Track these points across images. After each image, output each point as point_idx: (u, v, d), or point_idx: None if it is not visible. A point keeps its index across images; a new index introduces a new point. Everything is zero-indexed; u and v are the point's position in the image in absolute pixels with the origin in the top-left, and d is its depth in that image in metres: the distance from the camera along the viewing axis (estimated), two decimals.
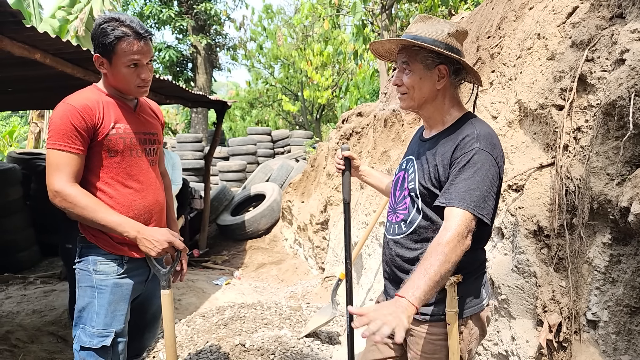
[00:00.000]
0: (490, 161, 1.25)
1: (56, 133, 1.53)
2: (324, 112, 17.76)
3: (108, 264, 1.66)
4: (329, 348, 3.03)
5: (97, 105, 1.60)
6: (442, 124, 1.39)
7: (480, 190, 1.22)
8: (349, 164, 1.68)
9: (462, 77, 1.39)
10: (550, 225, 1.68)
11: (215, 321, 3.38)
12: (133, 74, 1.59)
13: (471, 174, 1.23)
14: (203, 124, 13.67)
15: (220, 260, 5.92)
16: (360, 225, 3.65)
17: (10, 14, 2.08)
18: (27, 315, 3.95)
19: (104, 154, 1.62)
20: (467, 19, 3.14)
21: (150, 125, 1.78)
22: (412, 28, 1.37)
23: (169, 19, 12.82)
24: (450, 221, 1.20)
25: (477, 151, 1.24)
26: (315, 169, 5.74)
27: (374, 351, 1.52)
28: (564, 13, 1.94)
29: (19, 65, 2.81)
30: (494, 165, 1.26)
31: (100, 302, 1.63)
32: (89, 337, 1.62)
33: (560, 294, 1.61)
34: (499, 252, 1.92)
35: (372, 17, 8.20)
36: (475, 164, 1.23)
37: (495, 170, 1.26)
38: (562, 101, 1.78)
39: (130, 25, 1.56)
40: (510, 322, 1.78)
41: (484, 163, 1.24)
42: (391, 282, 1.46)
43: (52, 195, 1.54)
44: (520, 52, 2.16)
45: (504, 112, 2.17)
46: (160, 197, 1.79)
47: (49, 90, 3.94)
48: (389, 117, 3.60)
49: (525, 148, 1.95)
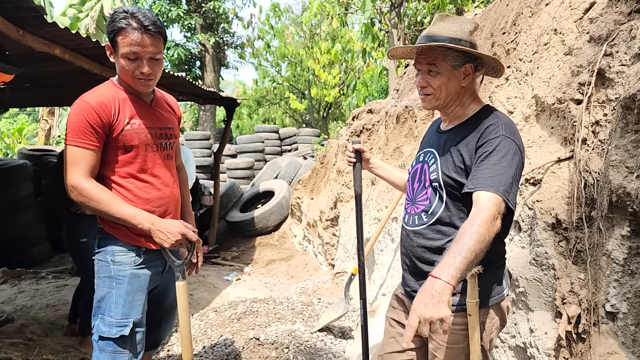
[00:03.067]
0: (515, 148, 1.28)
1: (73, 130, 1.57)
2: (331, 110, 17.78)
3: (126, 255, 1.68)
4: (341, 342, 3.05)
5: (112, 102, 1.62)
6: (463, 116, 1.41)
7: (507, 175, 1.24)
8: (359, 157, 1.71)
9: (480, 71, 1.42)
10: (569, 218, 1.69)
11: (229, 315, 3.41)
12: (131, 66, 1.59)
13: (498, 159, 1.25)
14: (211, 122, 13.74)
15: (230, 257, 5.97)
16: (372, 221, 3.67)
17: (33, 9, 2.11)
18: (40, 309, 4.01)
19: (120, 149, 1.65)
20: (481, 16, 3.14)
21: (166, 120, 1.80)
22: (433, 28, 1.38)
23: (177, 17, 12.89)
24: (480, 204, 1.21)
25: (503, 138, 1.27)
26: (324, 166, 5.76)
27: (392, 343, 1.53)
28: (581, 9, 1.95)
29: (37, 61, 2.85)
30: (518, 153, 1.28)
31: (118, 292, 1.66)
32: (107, 327, 1.64)
33: (579, 286, 1.62)
34: (516, 245, 1.93)
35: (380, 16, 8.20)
36: (501, 150, 1.26)
37: (519, 157, 1.28)
38: (580, 95, 1.78)
39: (137, 17, 1.56)
40: (529, 314, 1.80)
41: (509, 149, 1.26)
42: (412, 274, 1.47)
43: (69, 189, 1.58)
44: (536, 47, 2.16)
45: (520, 107, 2.18)
46: (175, 190, 1.82)
47: (65, 86, 3.99)
48: (401, 113, 3.61)
49: (542, 142, 1.96)
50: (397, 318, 1.54)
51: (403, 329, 1.50)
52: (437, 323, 1.08)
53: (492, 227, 1.18)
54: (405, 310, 1.51)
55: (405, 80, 3.91)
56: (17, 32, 2.12)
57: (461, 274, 1.12)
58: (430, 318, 1.08)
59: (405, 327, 1.48)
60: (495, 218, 1.19)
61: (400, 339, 1.51)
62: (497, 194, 1.21)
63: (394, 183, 1.75)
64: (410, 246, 1.45)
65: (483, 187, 1.23)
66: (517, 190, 1.27)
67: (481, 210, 1.19)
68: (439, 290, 1.09)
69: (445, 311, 1.08)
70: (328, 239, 5.02)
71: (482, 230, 1.16)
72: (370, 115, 4.80)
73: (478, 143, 1.30)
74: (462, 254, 1.13)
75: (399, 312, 1.54)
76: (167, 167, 1.79)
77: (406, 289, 1.50)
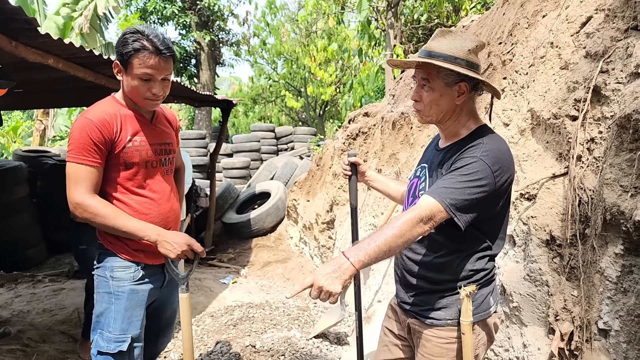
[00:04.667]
0: (486, 174, 1.23)
1: (75, 147, 1.57)
2: (327, 109, 17.75)
3: (124, 271, 1.69)
4: (337, 349, 3.07)
5: (114, 119, 1.63)
6: (458, 135, 1.41)
7: (462, 193, 1.22)
8: (355, 170, 1.72)
9: (480, 90, 1.41)
10: (563, 235, 1.70)
11: (225, 321, 3.42)
12: (144, 87, 1.61)
13: (459, 175, 1.24)
14: (206, 121, 13.68)
15: (226, 258, 5.97)
16: (367, 227, 3.68)
17: (26, 21, 2.10)
18: (37, 315, 3.99)
19: (121, 166, 1.66)
20: (477, 23, 3.14)
21: (166, 135, 1.82)
22: (432, 43, 1.37)
23: (172, 15, 12.79)
24: (416, 204, 1.24)
25: (476, 160, 1.24)
26: (320, 168, 5.76)
27: (385, 351, 1.57)
28: (578, 23, 1.95)
29: (31, 69, 2.83)
30: (488, 178, 1.23)
31: (117, 308, 1.67)
32: (106, 342, 1.65)
33: (572, 303, 1.63)
34: (510, 259, 1.95)
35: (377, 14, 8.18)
36: (469, 169, 1.24)
37: (488, 182, 1.23)
38: (575, 112, 1.79)
39: (151, 39, 1.57)
40: (522, 329, 1.81)
41: (477, 172, 1.23)
42: (402, 285, 1.50)
43: (73, 207, 1.58)
44: (532, 60, 2.17)
45: (515, 120, 2.19)
46: (175, 205, 1.83)
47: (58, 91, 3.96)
48: (397, 119, 3.61)
49: (538, 157, 1.97)
50: (390, 327, 1.57)
51: (395, 338, 1.54)
52: (326, 295, 1.15)
53: (415, 228, 1.20)
54: (397, 320, 1.54)
55: (402, 85, 3.90)
56: (10, 43, 2.11)
57: (369, 260, 1.17)
58: (322, 287, 1.14)
59: (394, 335, 1.53)
60: (423, 221, 1.20)
61: (392, 348, 1.55)
62: (439, 203, 1.21)
63: (390, 195, 1.76)
64: (401, 259, 1.48)
65: (429, 193, 1.25)
66: (471, 209, 1.23)
67: (413, 210, 1.22)
68: (343, 269, 1.15)
69: (337, 288, 1.14)
70: (324, 241, 5.03)
71: (404, 227, 1.19)
72: (367, 119, 4.80)
73: (454, 163, 1.30)
74: (377, 243, 1.18)
75: (392, 321, 1.57)
76: (167, 182, 1.80)
77: (397, 300, 1.52)
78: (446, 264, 1.36)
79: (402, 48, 7.49)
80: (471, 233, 1.32)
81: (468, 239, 1.34)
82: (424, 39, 8.77)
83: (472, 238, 1.34)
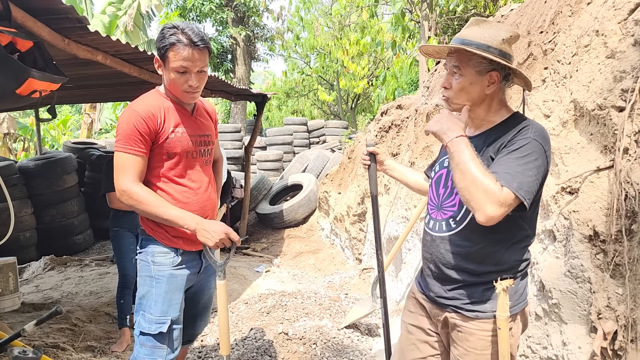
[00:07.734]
0: (541, 152, 1.25)
1: (122, 137, 1.66)
2: (360, 102, 17.63)
3: (164, 256, 1.78)
4: (368, 340, 3.09)
5: (158, 111, 1.71)
6: (490, 123, 1.38)
7: (524, 175, 1.21)
8: (374, 159, 1.72)
9: (511, 80, 1.38)
10: (607, 231, 1.64)
11: (258, 308, 3.52)
12: (180, 80, 1.67)
13: (518, 157, 1.23)
14: (242, 115, 13.94)
15: (260, 248, 6.11)
16: (400, 219, 3.66)
17: (77, 20, 2.23)
18: (84, 296, 4.26)
19: (164, 156, 1.73)
20: (517, 12, 3.03)
21: (205, 127, 1.88)
22: (465, 31, 1.36)
23: (210, 11, 13.05)
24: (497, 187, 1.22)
25: (531, 140, 1.25)
26: (352, 161, 5.76)
27: (412, 350, 1.51)
28: (626, 9, 1.85)
29: (80, 65, 3.00)
30: (543, 157, 1.25)
31: (157, 291, 1.76)
32: (147, 323, 1.75)
33: (617, 301, 1.58)
34: (550, 255, 1.90)
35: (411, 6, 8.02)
36: (525, 150, 1.24)
37: (543, 161, 1.25)
38: (622, 102, 1.71)
39: (186, 32, 1.63)
40: (562, 326, 1.77)
41: (534, 151, 1.24)
42: (437, 279, 1.44)
43: (119, 193, 1.68)
44: (576, 49, 2.08)
45: (557, 111, 2.11)
46: (212, 195, 1.90)
47: (105, 86, 4.17)
48: (431, 111, 3.56)
49: (581, 149, 1.90)
50: (417, 324, 1.52)
51: (425, 334, 1.49)
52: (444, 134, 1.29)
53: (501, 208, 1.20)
54: (427, 315, 1.49)
55: (436, 77, 3.83)
56: (63, 41, 2.24)
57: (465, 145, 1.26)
58: (445, 128, 1.29)
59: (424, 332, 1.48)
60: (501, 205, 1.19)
61: (421, 346, 1.50)
62: (509, 189, 1.20)
63: (408, 184, 1.75)
64: (437, 252, 1.42)
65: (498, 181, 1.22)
66: (534, 189, 1.23)
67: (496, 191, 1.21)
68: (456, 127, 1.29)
69: (456, 131, 1.27)
70: (355, 233, 5.05)
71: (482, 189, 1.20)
72: (400, 111, 4.74)
73: (506, 145, 1.28)
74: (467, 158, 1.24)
75: (418, 317, 1.52)
76: (206, 173, 1.87)
77: (429, 294, 1.46)
78: (489, 255, 1.34)
79: (436, 40, 7.32)
80: (515, 222, 1.30)
81: (513, 228, 1.32)
82: (459, 30, 8.49)
83: (517, 227, 1.32)
